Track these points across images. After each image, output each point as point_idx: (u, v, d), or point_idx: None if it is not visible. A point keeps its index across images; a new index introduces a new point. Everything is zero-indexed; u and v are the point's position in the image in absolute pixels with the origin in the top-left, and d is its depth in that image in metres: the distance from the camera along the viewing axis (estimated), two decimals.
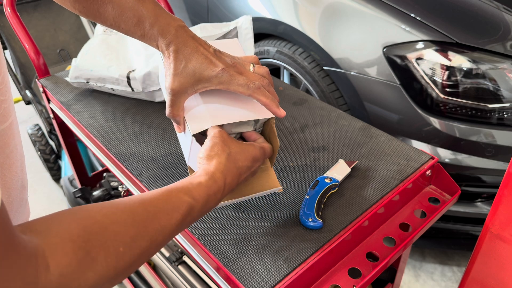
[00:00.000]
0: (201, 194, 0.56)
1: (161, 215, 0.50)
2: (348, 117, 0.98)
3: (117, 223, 0.44)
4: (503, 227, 0.80)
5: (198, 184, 0.56)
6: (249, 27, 1.08)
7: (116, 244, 0.43)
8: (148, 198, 0.50)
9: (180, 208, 0.52)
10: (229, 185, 0.60)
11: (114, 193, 1.25)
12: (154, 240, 0.48)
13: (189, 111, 0.68)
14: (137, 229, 0.46)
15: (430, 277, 1.68)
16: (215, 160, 0.60)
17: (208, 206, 0.57)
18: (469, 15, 1.42)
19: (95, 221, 0.43)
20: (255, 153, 0.65)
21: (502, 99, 1.31)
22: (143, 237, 0.46)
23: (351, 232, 0.71)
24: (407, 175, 0.82)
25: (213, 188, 0.57)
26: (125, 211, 0.46)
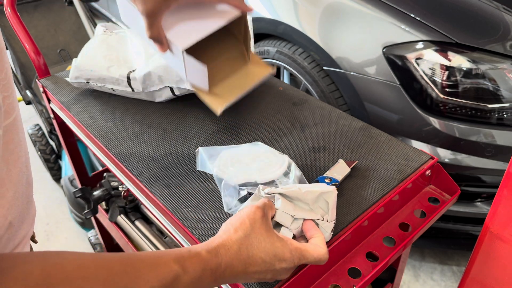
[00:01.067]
0: (194, 268, 0.48)
1: (139, 281, 0.43)
2: (348, 117, 0.98)
3: (86, 279, 0.40)
4: (503, 227, 0.80)
5: (195, 255, 0.49)
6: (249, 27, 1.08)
7: None
8: (133, 257, 0.45)
9: (164, 278, 0.45)
10: (231, 269, 0.51)
11: (114, 193, 1.26)
12: None
13: (169, 30, 0.69)
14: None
15: (430, 277, 1.69)
16: (227, 233, 0.53)
17: (200, 283, 0.49)
18: (469, 15, 1.42)
19: (62, 271, 0.39)
20: (281, 252, 0.54)
21: (501, 99, 1.32)
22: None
23: (351, 232, 0.71)
24: (407, 175, 0.82)
25: (211, 264, 0.50)
26: (100, 267, 0.41)
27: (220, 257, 0.51)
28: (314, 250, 0.58)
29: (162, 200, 0.78)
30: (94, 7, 3.31)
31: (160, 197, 0.78)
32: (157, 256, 0.47)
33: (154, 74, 0.95)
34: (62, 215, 2.00)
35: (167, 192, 0.79)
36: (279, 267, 0.55)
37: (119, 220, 1.27)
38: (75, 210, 1.87)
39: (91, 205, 1.22)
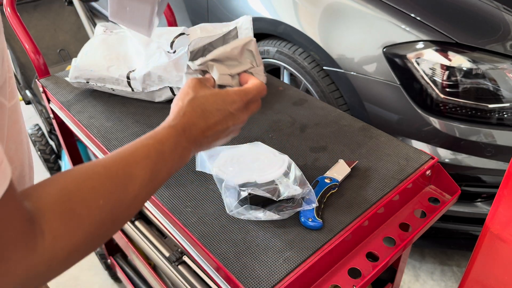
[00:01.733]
0: (167, 136, 0.55)
1: (131, 163, 0.49)
2: (348, 117, 0.98)
3: (91, 178, 0.45)
4: (503, 227, 0.80)
5: (162, 128, 0.56)
6: (249, 27, 1.08)
7: (95, 197, 0.43)
8: (118, 151, 0.51)
9: (149, 153, 0.52)
10: (195, 127, 0.59)
11: None
12: (130, 191, 0.48)
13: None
14: (111, 180, 0.46)
15: (430, 277, 1.68)
16: (179, 104, 0.60)
17: (178, 150, 0.56)
18: (469, 15, 1.42)
19: (72, 180, 0.43)
20: (227, 96, 0.62)
21: (502, 99, 1.31)
22: (119, 189, 0.47)
23: (351, 232, 0.71)
24: (407, 175, 0.82)
25: (177, 127, 0.57)
26: (97, 166, 0.47)
27: (180, 119, 0.58)
28: (253, 84, 0.66)
29: (162, 200, 0.78)
30: (94, 7, 3.31)
31: (160, 197, 0.78)
32: (133, 143, 0.53)
33: (154, 74, 0.95)
34: None
35: (167, 192, 0.79)
36: (233, 109, 0.62)
37: None
38: None
39: None
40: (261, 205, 0.72)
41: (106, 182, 0.46)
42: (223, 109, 0.61)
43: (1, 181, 0.34)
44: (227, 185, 0.72)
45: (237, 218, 0.74)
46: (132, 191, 0.48)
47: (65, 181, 0.43)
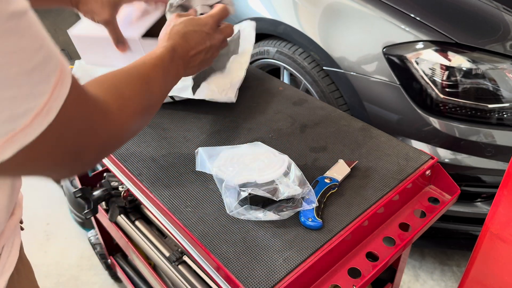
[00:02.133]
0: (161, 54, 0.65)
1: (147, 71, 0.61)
2: (348, 117, 0.98)
3: (124, 73, 0.57)
4: (503, 227, 0.80)
5: (155, 50, 0.66)
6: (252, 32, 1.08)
7: (134, 83, 0.56)
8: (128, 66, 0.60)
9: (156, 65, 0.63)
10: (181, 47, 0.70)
11: (114, 193, 1.25)
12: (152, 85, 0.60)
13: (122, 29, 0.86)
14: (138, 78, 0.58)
15: (430, 277, 1.69)
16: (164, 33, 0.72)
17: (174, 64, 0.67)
18: (469, 15, 1.42)
19: (112, 75, 0.55)
20: (198, 19, 0.74)
21: (501, 99, 1.31)
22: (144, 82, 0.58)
23: (351, 232, 0.71)
24: (407, 175, 0.82)
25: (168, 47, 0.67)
26: (123, 70, 0.57)
27: (167, 41, 0.69)
28: (217, 8, 0.79)
29: (162, 200, 0.78)
30: None
31: (160, 197, 0.78)
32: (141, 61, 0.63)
33: None
34: (62, 215, 2.00)
35: (167, 192, 0.79)
36: (206, 29, 0.74)
37: (119, 220, 1.27)
38: (75, 210, 1.87)
39: (91, 205, 1.22)
40: (261, 205, 0.73)
41: (136, 79, 0.57)
42: (199, 30, 0.73)
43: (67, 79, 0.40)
44: (227, 185, 0.72)
45: (237, 218, 0.74)
46: (154, 86, 0.60)
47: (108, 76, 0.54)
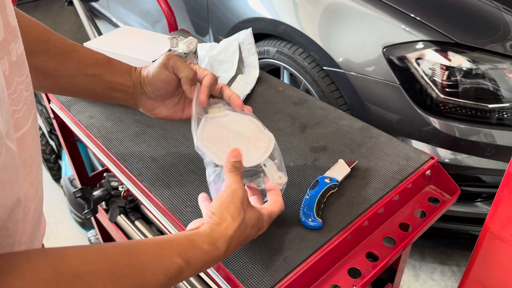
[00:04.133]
0: (197, 260, 0.51)
1: (146, 274, 0.45)
2: (348, 117, 0.98)
3: (94, 273, 0.40)
4: (503, 227, 0.80)
5: (197, 248, 0.52)
6: (251, 42, 1.09)
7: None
8: (136, 250, 0.46)
9: (169, 270, 0.48)
10: (230, 252, 0.57)
11: (114, 193, 1.25)
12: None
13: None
14: (115, 284, 0.42)
15: (429, 277, 1.69)
16: (227, 223, 0.56)
17: (202, 270, 0.54)
18: (469, 15, 1.42)
19: (69, 267, 0.39)
20: (261, 224, 0.62)
21: (501, 99, 1.31)
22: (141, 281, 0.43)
23: (351, 232, 0.71)
24: (407, 175, 0.82)
25: (213, 255, 0.53)
26: (106, 262, 0.42)
27: (221, 248, 0.54)
28: (278, 209, 0.66)
29: (162, 200, 0.78)
30: (94, 7, 3.31)
31: (160, 197, 0.78)
32: (160, 248, 0.48)
33: None
34: (62, 215, 2.00)
35: (167, 192, 0.79)
36: (257, 234, 0.63)
37: (119, 220, 1.27)
38: (75, 210, 1.87)
39: (91, 205, 1.22)
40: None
41: (107, 285, 0.41)
42: (253, 235, 0.62)
43: None
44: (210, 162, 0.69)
45: None
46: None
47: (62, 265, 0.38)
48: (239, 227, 0.57)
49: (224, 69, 1.09)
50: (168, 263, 0.48)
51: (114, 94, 0.72)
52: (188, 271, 0.50)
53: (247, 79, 1.08)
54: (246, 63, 1.11)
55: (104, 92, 0.71)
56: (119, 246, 0.46)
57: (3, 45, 0.38)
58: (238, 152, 0.66)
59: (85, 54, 0.69)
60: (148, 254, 0.47)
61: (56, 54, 0.66)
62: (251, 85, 1.07)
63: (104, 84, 0.70)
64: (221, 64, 1.10)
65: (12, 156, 0.36)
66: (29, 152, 0.45)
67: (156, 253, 0.48)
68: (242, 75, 1.10)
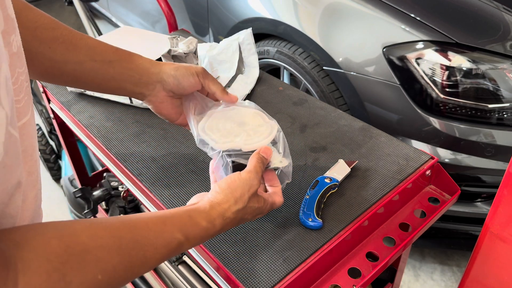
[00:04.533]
0: (195, 236, 0.55)
1: (148, 247, 0.48)
2: (348, 117, 0.98)
3: (101, 247, 0.42)
4: (503, 227, 0.80)
5: (196, 225, 0.55)
6: (251, 42, 1.09)
7: (96, 271, 0.41)
8: (140, 225, 0.49)
9: (170, 244, 0.51)
10: (225, 230, 0.60)
11: (114, 193, 1.26)
12: (135, 271, 0.47)
13: None
14: (121, 257, 0.44)
15: (429, 277, 1.69)
16: (228, 204, 0.59)
17: (198, 244, 0.57)
18: (469, 15, 1.42)
19: (79, 242, 0.40)
20: (262, 209, 0.64)
21: (502, 99, 1.31)
22: (125, 267, 0.45)
23: (351, 232, 0.71)
24: (407, 175, 0.82)
25: (209, 232, 0.57)
26: (112, 236, 0.44)
27: (218, 226, 0.57)
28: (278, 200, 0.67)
29: (162, 200, 0.78)
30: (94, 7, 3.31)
31: (160, 197, 0.78)
32: (162, 223, 0.51)
33: None
34: (62, 215, 2.00)
35: (167, 192, 0.79)
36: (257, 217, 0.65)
37: None
38: (75, 210, 1.87)
39: (91, 205, 1.22)
40: None
41: (114, 258, 0.43)
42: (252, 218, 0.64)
43: None
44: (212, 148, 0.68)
45: None
46: (137, 272, 0.47)
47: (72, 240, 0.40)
48: (237, 211, 0.59)
49: (224, 69, 1.09)
50: (169, 238, 0.51)
51: (123, 83, 0.70)
52: (187, 245, 0.54)
53: (247, 79, 1.08)
54: (246, 63, 1.12)
55: (112, 79, 0.70)
56: (124, 221, 0.48)
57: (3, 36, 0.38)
58: (270, 151, 0.67)
59: (94, 43, 0.69)
60: (151, 229, 0.49)
61: (64, 41, 0.66)
62: (251, 85, 1.07)
63: (113, 71, 0.69)
64: (221, 64, 1.10)
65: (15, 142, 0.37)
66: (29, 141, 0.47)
67: (158, 228, 0.50)
68: (242, 75, 1.10)
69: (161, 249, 0.50)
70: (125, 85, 0.70)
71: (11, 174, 0.38)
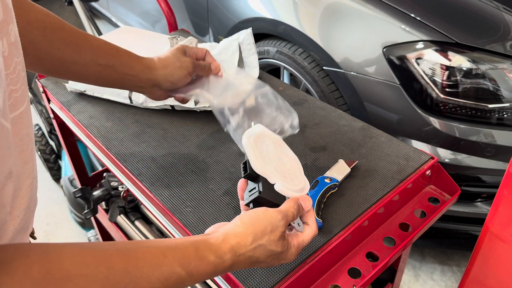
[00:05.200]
0: (199, 271, 0.48)
1: (141, 281, 0.43)
2: (348, 117, 0.98)
3: (85, 276, 0.39)
4: (503, 227, 0.80)
5: (202, 259, 0.49)
6: (251, 42, 1.10)
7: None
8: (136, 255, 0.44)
9: (167, 280, 0.46)
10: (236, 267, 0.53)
11: (114, 193, 1.26)
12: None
13: None
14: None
15: (430, 277, 1.69)
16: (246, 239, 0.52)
17: (204, 280, 0.51)
18: (469, 15, 1.42)
19: (62, 268, 0.38)
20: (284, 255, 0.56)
21: (502, 99, 1.31)
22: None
23: (351, 232, 0.71)
24: (407, 175, 0.82)
25: (218, 268, 0.50)
26: (101, 265, 0.41)
27: (228, 262, 0.51)
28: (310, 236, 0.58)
29: (162, 200, 0.78)
30: (94, 7, 3.31)
31: (160, 197, 0.78)
32: (161, 255, 0.46)
33: None
34: (62, 215, 2.00)
35: (167, 192, 0.79)
36: (278, 263, 0.56)
37: (119, 220, 1.27)
38: (75, 210, 1.87)
39: (91, 205, 1.22)
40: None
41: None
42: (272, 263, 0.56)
43: None
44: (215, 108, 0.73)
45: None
46: None
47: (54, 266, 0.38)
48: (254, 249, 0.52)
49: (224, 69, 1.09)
50: (167, 272, 0.46)
51: (125, 83, 0.75)
52: (189, 281, 0.48)
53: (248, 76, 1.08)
54: (246, 63, 1.11)
55: (115, 80, 0.75)
56: (119, 248, 0.44)
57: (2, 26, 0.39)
58: (310, 203, 0.59)
59: (97, 44, 0.72)
60: (147, 260, 0.45)
61: (71, 43, 0.69)
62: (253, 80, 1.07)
63: (116, 74, 0.73)
64: (221, 64, 1.10)
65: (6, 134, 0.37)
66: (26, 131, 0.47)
67: (156, 260, 0.46)
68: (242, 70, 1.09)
69: (156, 284, 0.45)
70: (125, 86, 0.77)
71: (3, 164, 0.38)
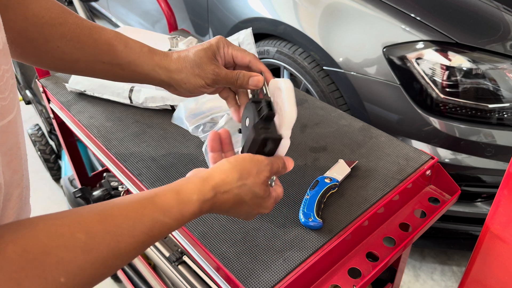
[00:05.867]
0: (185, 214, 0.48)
1: (122, 237, 0.42)
2: (348, 117, 0.98)
3: (63, 247, 0.37)
4: (503, 227, 0.80)
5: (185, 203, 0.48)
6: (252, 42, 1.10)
7: (57, 274, 0.36)
8: (113, 214, 0.42)
9: (151, 230, 0.44)
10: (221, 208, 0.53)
11: (114, 193, 1.26)
12: (108, 266, 0.41)
13: None
14: (88, 255, 0.39)
15: (430, 277, 1.69)
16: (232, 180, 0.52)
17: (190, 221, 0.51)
18: (469, 15, 1.42)
19: (37, 242, 0.36)
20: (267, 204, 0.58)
21: (502, 99, 1.31)
22: (94, 264, 0.39)
23: (351, 232, 0.71)
24: (407, 175, 0.82)
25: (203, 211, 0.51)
26: (77, 231, 0.39)
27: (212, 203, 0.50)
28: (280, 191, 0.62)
29: None
30: (94, 7, 3.31)
31: None
32: (140, 207, 0.45)
33: (158, 95, 0.97)
34: None
35: None
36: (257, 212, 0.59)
37: None
38: None
39: None
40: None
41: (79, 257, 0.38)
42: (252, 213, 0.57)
43: None
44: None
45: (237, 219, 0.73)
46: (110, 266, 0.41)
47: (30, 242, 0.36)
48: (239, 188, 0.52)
49: None
50: (149, 223, 0.44)
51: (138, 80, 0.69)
52: (176, 225, 0.47)
53: None
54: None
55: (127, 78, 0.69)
56: (93, 210, 0.42)
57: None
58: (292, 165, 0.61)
59: (102, 40, 0.65)
60: (126, 216, 0.43)
61: (72, 39, 0.63)
62: None
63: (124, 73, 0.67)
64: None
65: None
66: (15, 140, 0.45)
67: (135, 213, 0.44)
68: None
69: (140, 236, 0.43)
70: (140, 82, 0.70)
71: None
